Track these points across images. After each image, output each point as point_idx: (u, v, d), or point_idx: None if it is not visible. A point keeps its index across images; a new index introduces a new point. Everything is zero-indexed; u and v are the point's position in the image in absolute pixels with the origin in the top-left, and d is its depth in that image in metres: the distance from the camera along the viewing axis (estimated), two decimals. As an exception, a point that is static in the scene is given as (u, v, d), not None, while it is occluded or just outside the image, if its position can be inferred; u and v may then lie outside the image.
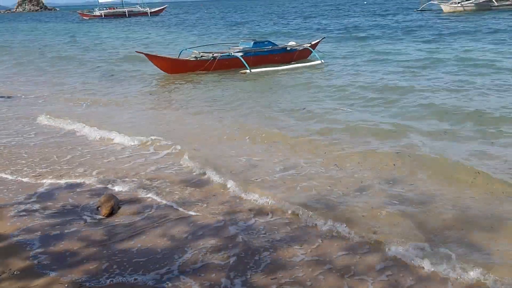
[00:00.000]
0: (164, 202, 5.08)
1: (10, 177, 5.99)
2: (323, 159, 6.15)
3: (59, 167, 6.28)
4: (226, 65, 14.40)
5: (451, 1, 39.22)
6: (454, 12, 37.10)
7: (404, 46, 18.70)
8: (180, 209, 4.88)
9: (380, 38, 22.47)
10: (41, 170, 6.19)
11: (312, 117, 8.41)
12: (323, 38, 18.61)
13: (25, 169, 6.26)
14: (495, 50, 15.88)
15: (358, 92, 10.40)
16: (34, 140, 7.70)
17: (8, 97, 11.70)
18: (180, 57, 14.81)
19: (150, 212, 4.84)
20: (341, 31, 27.41)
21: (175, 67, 14.10)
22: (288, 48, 16.14)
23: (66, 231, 4.46)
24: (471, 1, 37.86)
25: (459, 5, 37.73)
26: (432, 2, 41.94)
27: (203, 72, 14.18)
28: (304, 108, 9.04)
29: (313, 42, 17.03)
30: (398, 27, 28.15)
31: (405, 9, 47.86)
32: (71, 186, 5.62)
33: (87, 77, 14.83)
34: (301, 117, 8.49)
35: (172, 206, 4.96)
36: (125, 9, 67.56)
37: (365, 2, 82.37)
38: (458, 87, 10.35)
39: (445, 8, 38.22)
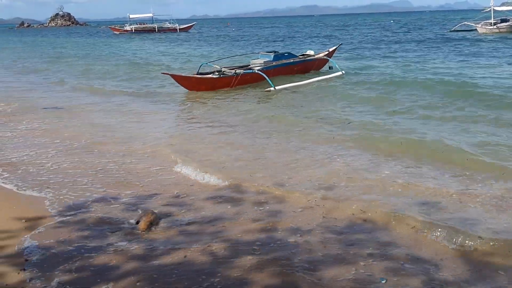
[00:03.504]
0: (200, 217, 5.05)
1: (50, 192, 6.08)
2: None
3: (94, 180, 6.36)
4: (248, 80, 14.45)
5: (484, 22, 38.92)
6: (490, 33, 36.75)
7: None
8: (218, 224, 4.84)
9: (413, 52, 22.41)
10: (78, 182, 6.28)
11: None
12: (339, 45, 18.73)
13: (63, 183, 6.35)
14: None
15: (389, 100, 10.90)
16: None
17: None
18: (200, 71, 14.87)
19: (189, 228, 4.81)
20: (363, 47, 27.56)
21: (199, 85, 14.19)
22: (307, 58, 16.23)
23: (105, 244, 4.47)
24: (507, 23, 37.67)
25: (494, 27, 37.54)
26: (465, 23, 41.88)
27: (227, 88, 14.24)
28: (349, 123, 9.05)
29: (330, 49, 17.13)
30: (431, 41, 28.08)
31: (434, 30, 47.40)
32: (109, 199, 5.66)
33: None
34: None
35: (209, 222, 4.93)
36: (155, 25, 68.97)
37: (392, 21, 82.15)
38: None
39: (480, 29, 38.06)
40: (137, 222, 4.91)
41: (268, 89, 13.60)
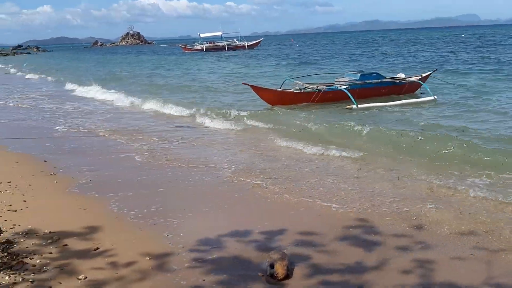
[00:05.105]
0: (339, 264, 4.56)
1: (167, 223, 5.85)
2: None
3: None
4: (330, 97, 14.09)
5: None
6: None
7: None
8: (362, 275, 4.33)
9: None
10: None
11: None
12: (434, 71, 17.70)
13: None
14: None
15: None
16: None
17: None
18: (283, 87, 14.76)
19: (330, 277, 4.33)
20: (447, 66, 26.18)
21: (279, 99, 14.07)
22: (397, 81, 15.41)
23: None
24: None
25: None
26: None
27: (306, 104, 13.92)
28: None
29: (423, 75, 16.15)
30: None
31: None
32: (233, 234, 5.31)
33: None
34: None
35: (352, 271, 4.42)
36: (224, 43, 70.15)
37: (463, 35, 79.63)
38: None
39: None
40: (272, 266, 4.51)
41: (350, 106, 13.16)
